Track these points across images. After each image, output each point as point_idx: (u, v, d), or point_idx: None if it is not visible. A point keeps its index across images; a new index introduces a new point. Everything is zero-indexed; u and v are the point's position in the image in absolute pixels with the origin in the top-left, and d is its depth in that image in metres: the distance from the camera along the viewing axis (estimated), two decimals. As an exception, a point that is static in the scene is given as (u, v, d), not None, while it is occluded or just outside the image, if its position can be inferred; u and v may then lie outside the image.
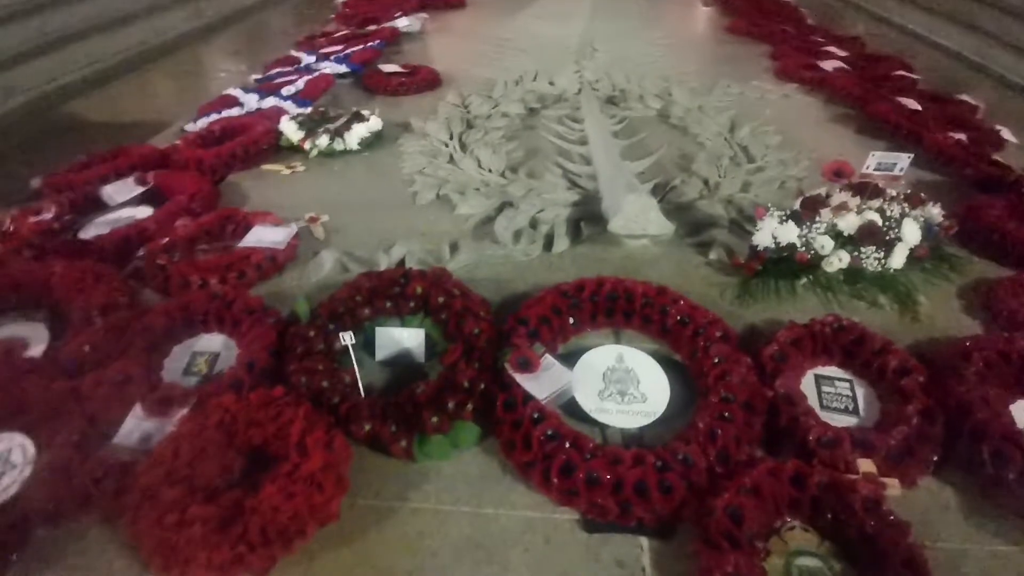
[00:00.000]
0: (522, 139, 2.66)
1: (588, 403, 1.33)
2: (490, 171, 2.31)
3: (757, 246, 1.67)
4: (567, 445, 1.20)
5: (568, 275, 1.69)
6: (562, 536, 1.13)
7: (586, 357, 1.42)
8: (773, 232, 1.64)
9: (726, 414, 1.25)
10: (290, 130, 2.44)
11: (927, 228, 1.68)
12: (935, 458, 1.22)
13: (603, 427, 1.32)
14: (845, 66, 3.50)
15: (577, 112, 2.90)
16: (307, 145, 2.41)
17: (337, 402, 1.28)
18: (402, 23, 4.26)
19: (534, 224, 1.93)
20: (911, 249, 1.65)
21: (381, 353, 1.47)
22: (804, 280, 1.64)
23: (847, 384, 1.38)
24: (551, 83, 3.28)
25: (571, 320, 1.49)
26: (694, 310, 1.48)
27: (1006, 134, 2.59)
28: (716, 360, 1.36)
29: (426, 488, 1.20)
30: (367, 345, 1.48)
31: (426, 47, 4.16)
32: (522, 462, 1.21)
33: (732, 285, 1.67)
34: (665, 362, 1.42)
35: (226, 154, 2.30)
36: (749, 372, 1.34)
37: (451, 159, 2.42)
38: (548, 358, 1.36)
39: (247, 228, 1.82)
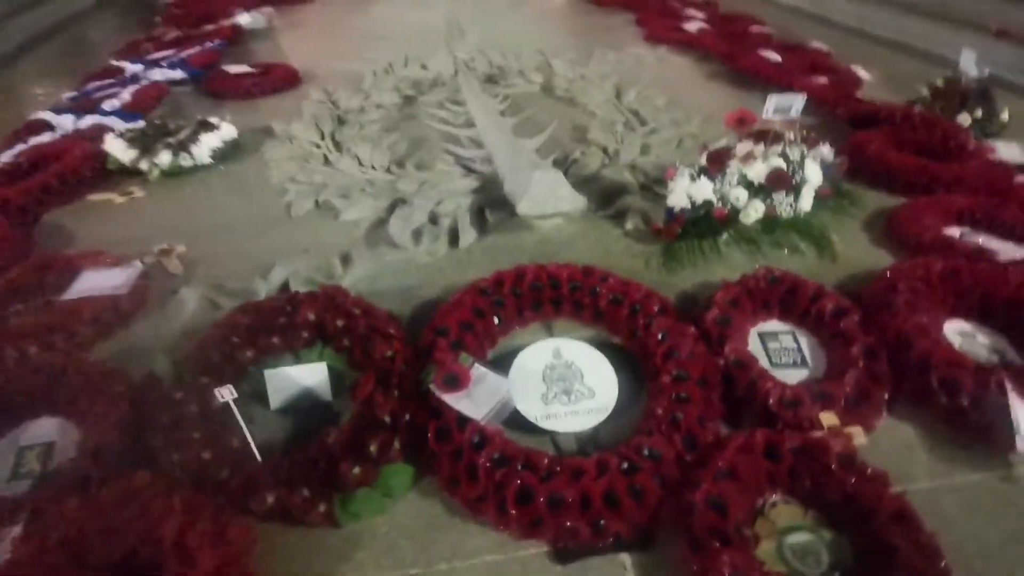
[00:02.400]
0: (403, 130, 2.42)
1: (533, 411, 1.16)
2: (373, 168, 2.05)
3: (673, 208, 1.59)
4: (519, 467, 1.02)
5: (482, 270, 1.50)
6: (535, 575, 0.95)
7: (521, 359, 1.25)
8: (687, 191, 1.56)
9: (682, 394, 1.13)
10: (118, 149, 2.02)
11: (824, 168, 1.68)
12: (886, 397, 1.19)
13: (554, 435, 1.16)
14: (706, 26, 3.60)
15: (457, 95, 2.71)
16: (144, 165, 2.01)
17: (226, 476, 1.01)
18: (244, 19, 3.82)
19: (434, 219, 1.72)
20: (816, 190, 1.64)
21: (277, 400, 1.21)
22: (725, 236, 1.58)
23: (790, 336, 1.32)
24: (424, 67, 3.05)
25: (496, 320, 1.31)
26: (626, 286, 1.35)
27: (861, 73, 2.75)
28: (660, 336, 1.24)
29: (360, 556, 0.97)
30: (257, 395, 1.21)
31: (277, 44, 3.75)
32: (470, 498, 1.01)
33: (655, 253, 1.57)
34: (606, 348, 1.28)
35: (36, 188, 1.86)
36: (696, 343, 1.23)
37: (326, 161, 2.14)
38: (479, 368, 1.17)
39: (73, 275, 1.44)
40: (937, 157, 1.97)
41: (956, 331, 1.34)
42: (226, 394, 1.02)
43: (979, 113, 2.20)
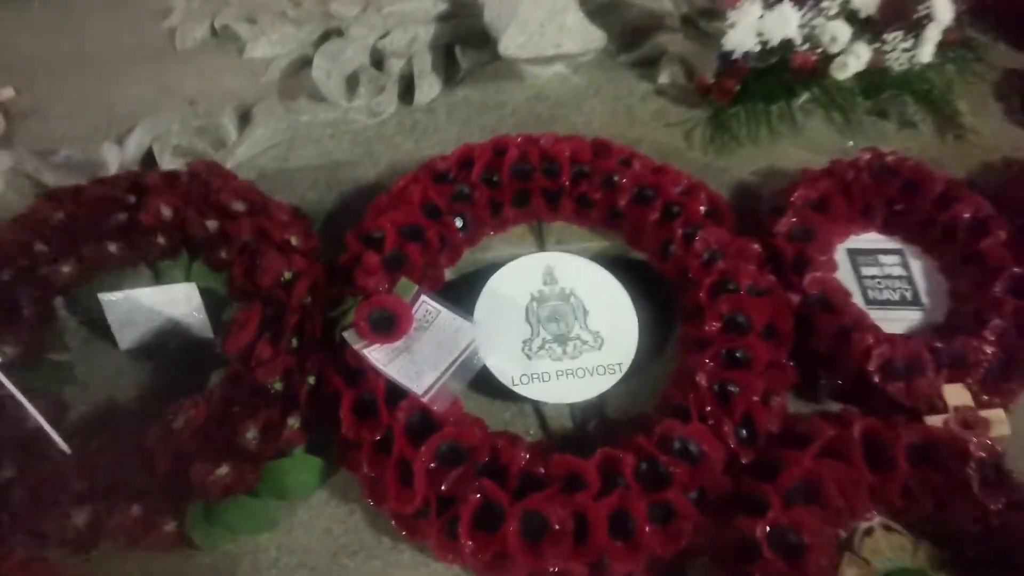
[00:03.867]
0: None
1: (509, 367, 0.76)
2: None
3: (731, 53, 1.06)
4: (479, 469, 0.65)
5: (445, 142, 1.03)
6: (496, 635, 0.63)
7: (494, 285, 0.82)
8: (756, 27, 1.03)
9: (739, 352, 0.73)
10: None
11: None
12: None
13: (539, 405, 0.78)
14: None
15: None
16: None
17: (13, 475, 0.63)
18: None
19: (378, 62, 1.18)
20: (942, 32, 1.10)
21: (127, 338, 0.80)
22: (804, 98, 1.08)
23: (897, 258, 0.89)
24: None
25: (459, 222, 0.86)
26: (660, 174, 0.89)
27: None
28: (706, 256, 0.81)
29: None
30: (95, 326, 0.80)
31: None
32: (403, 514, 0.65)
33: (700, 122, 1.07)
34: (622, 268, 0.86)
35: None
36: (763, 269, 0.81)
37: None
38: (428, 303, 0.75)
39: None
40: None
41: None
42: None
43: None
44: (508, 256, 0.87)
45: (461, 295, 0.82)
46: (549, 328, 0.80)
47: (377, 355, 0.71)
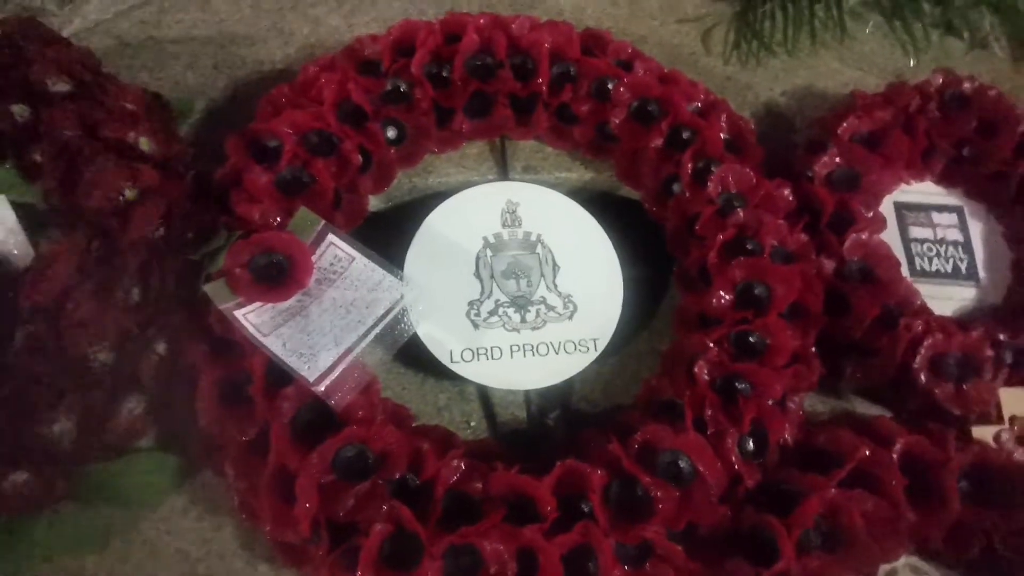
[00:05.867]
0: None
1: (447, 340, 0.56)
2: None
3: (771, -73, 0.80)
4: (391, 486, 0.47)
5: (385, 20, 0.76)
6: None
7: (433, 221, 0.61)
8: None
9: (753, 337, 0.55)
10: None
11: None
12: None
13: (481, 389, 0.59)
14: None
15: None
16: None
17: None
18: None
19: None
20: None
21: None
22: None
23: (954, 216, 0.70)
24: None
25: (390, 132, 0.62)
26: (669, 84, 0.65)
27: None
28: (722, 201, 0.60)
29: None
30: None
31: None
32: (284, 542, 0.47)
33: (724, 19, 0.82)
34: (604, 209, 0.65)
35: None
36: (794, 223, 0.61)
37: None
38: (337, 247, 0.54)
39: None
40: None
41: None
42: None
43: None
44: (457, 184, 0.65)
45: (389, 235, 0.60)
46: (506, 287, 0.60)
47: (256, 319, 0.49)
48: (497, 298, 0.59)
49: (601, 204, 0.66)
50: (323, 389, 0.47)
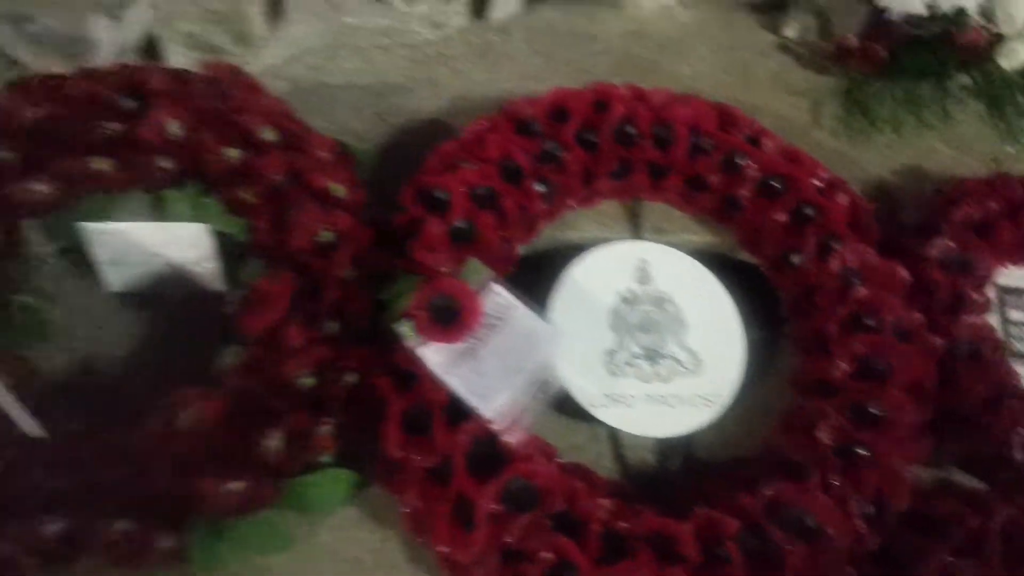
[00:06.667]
0: None
1: (587, 386, 0.62)
2: None
3: (886, 11, 0.86)
4: (553, 520, 0.53)
5: (524, 77, 0.83)
6: None
7: (575, 273, 0.67)
8: (928, -18, 0.82)
9: (873, 408, 0.60)
10: None
11: None
12: None
13: (612, 432, 0.64)
14: None
15: None
16: None
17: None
18: None
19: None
20: None
21: (117, 278, 0.64)
22: (960, 84, 0.88)
23: (1051, 302, 0.75)
24: None
25: (541, 188, 0.69)
26: (795, 162, 0.71)
27: None
28: (843, 278, 0.66)
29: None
30: (75, 260, 0.64)
31: None
32: (454, 562, 0.53)
33: (832, 92, 0.88)
34: (722, 270, 0.71)
35: None
36: (910, 303, 0.66)
37: None
38: (500, 295, 0.60)
39: None
40: None
41: None
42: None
43: None
44: (592, 239, 0.71)
45: (530, 282, 0.66)
46: (639, 340, 0.66)
47: (437, 358, 0.56)
48: (631, 350, 0.65)
49: (719, 266, 0.71)
50: (501, 426, 0.53)
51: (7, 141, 0.58)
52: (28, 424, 0.50)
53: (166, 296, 0.66)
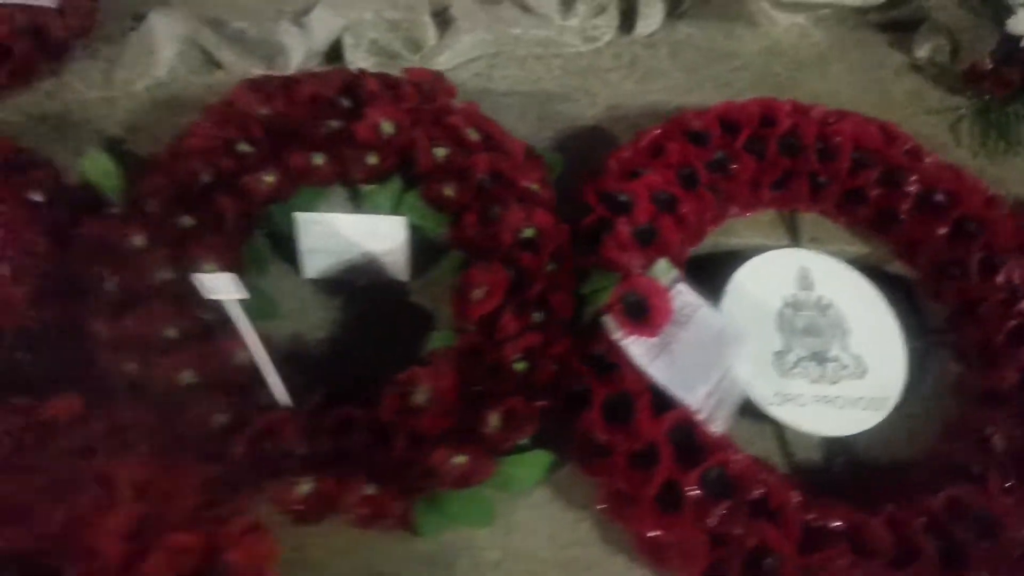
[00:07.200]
0: None
1: (760, 384, 0.66)
2: None
3: (1020, 40, 0.88)
4: (749, 507, 0.56)
5: (672, 89, 0.87)
6: None
7: (741, 277, 0.70)
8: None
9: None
10: None
11: None
12: None
13: (780, 429, 0.67)
14: None
15: None
16: None
17: (223, 427, 0.54)
18: None
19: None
20: None
21: (314, 266, 0.69)
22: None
23: None
24: None
25: (713, 195, 0.72)
26: (958, 181, 0.74)
27: None
28: (1009, 292, 0.68)
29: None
30: (280, 249, 0.69)
31: None
32: (653, 543, 0.57)
33: (965, 113, 0.90)
34: (877, 281, 0.73)
35: None
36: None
37: None
38: (686, 294, 0.64)
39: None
40: None
41: None
42: (224, 287, 0.49)
43: None
44: (752, 246, 0.74)
45: (693, 284, 0.70)
46: (805, 343, 0.69)
47: (638, 350, 0.60)
48: (799, 352, 0.68)
49: (872, 276, 0.74)
50: (706, 415, 0.57)
51: (245, 134, 0.63)
52: (281, 394, 0.55)
53: (354, 283, 0.71)
